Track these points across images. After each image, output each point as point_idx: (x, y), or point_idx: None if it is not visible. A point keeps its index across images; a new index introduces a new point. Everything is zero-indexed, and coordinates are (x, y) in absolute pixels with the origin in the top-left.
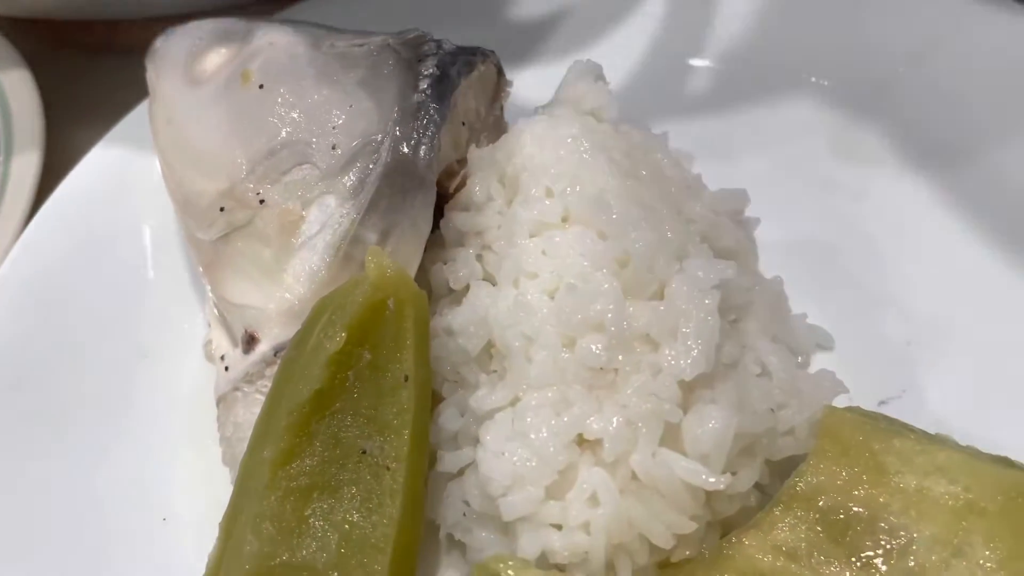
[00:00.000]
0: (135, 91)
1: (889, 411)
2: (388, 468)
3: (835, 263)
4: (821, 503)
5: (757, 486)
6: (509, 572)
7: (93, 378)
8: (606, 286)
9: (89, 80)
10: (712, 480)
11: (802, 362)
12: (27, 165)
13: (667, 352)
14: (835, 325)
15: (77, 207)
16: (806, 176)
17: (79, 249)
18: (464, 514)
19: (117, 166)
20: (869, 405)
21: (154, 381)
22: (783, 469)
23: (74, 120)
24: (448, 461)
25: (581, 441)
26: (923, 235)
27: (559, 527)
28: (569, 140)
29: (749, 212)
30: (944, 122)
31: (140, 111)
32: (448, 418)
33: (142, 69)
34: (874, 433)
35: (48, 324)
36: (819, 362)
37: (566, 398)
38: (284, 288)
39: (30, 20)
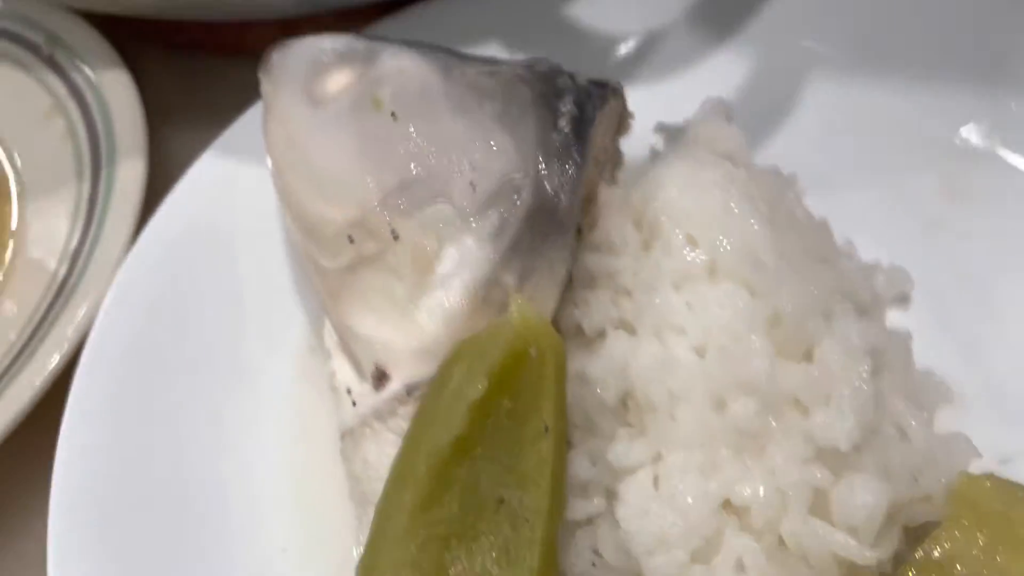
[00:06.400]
0: (231, 93)
1: (1013, 470)
2: (527, 520)
3: (944, 307)
4: (956, 571)
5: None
6: None
7: (197, 395)
8: (758, 347)
9: (179, 80)
10: (868, 555)
11: (927, 418)
12: (133, 171)
13: (819, 418)
14: (950, 375)
15: (188, 217)
16: (915, 215)
17: (191, 264)
18: (593, 564)
19: (228, 175)
20: (990, 464)
21: (258, 400)
22: (918, 535)
23: (170, 124)
24: (577, 508)
25: (727, 506)
26: None
27: None
28: (714, 187)
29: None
30: None
31: (247, 120)
32: (579, 466)
33: (236, 69)
34: (1012, 503)
35: (155, 337)
36: (940, 417)
37: (714, 461)
38: (417, 326)
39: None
